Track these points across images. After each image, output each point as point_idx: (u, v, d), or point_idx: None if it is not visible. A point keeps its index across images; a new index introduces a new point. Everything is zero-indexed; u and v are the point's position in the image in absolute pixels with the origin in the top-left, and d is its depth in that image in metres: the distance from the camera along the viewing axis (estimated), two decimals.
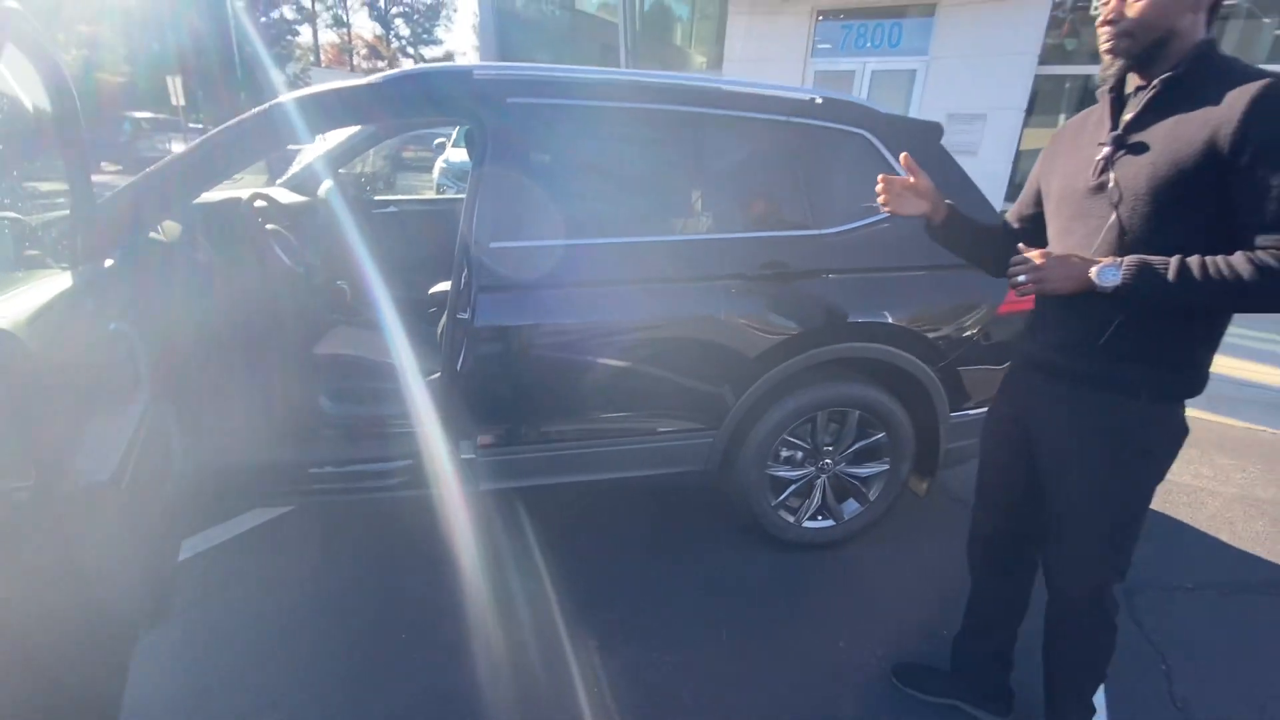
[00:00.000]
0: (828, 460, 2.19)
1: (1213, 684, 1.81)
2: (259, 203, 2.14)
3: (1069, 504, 1.29)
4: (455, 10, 46.07)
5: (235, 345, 1.82)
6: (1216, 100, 1.02)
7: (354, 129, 2.66)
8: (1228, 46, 7.43)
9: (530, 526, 2.30)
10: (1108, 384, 1.18)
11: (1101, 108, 1.21)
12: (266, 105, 1.73)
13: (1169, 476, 1.21)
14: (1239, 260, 0.99)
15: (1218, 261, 1.00)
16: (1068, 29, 7.58)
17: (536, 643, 1.82)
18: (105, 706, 1.08)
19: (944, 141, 2.16)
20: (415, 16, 46.21)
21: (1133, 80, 1.15)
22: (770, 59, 8.88)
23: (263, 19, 24.79)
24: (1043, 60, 7.50)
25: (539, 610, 1.94)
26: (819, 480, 2.22)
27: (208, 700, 1.59)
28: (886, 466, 2.22)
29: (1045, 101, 7.94)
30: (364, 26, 46.78)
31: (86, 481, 0.96)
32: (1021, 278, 1.12)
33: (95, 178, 1.36)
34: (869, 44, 8.37)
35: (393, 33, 46.38)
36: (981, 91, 7.63)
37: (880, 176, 1.40)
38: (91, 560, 0.97)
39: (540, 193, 1.79)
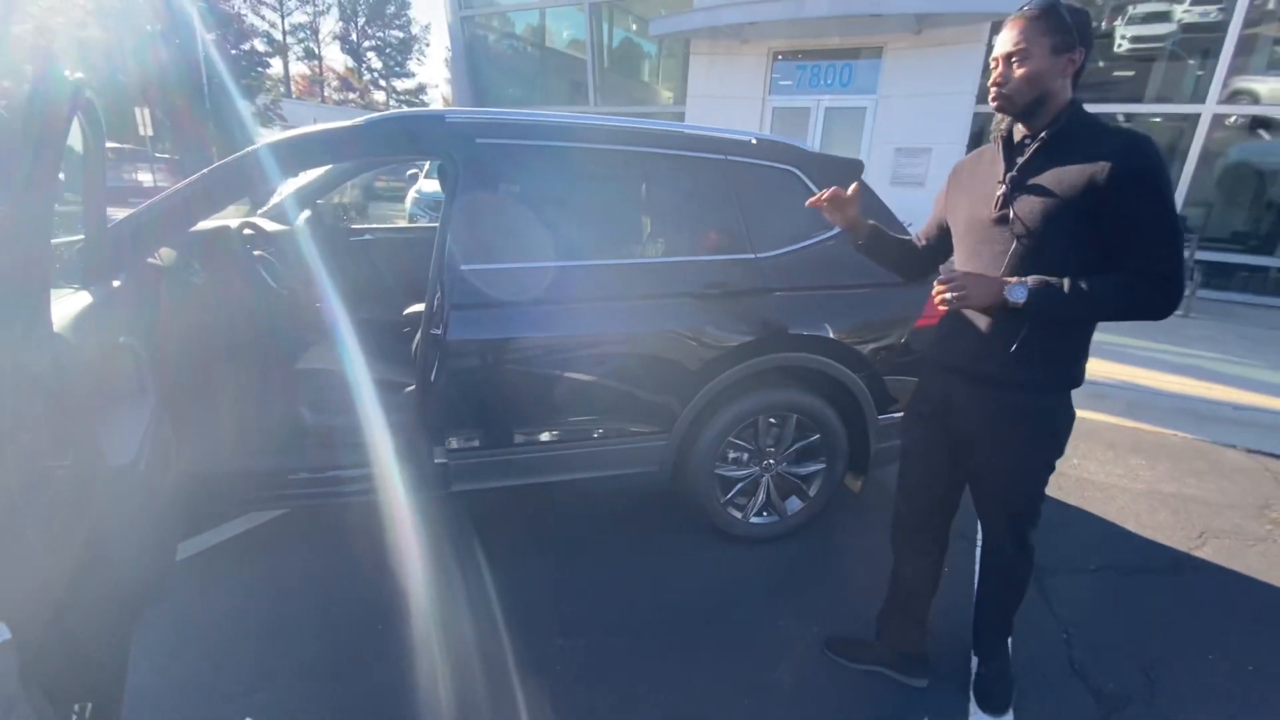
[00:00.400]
0: (770, 460, 2.42)
1: (1107, 650, 2.05)
2: (247, 231, 2.32)
3: (998, 479, 1.55)
4: (428, 45, 46.64)
5: (225, 359, 1.98)
6: (1092, 151, 1.30)
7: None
8: (1153, 86, 8.14)
9: (499, 524, 2.47)
10: (1020, 383, 1.45)
11: (994, 150, 1.49)
12: (257, 145, 1.93)
13: (1087, 475, 1.48)
14: (1115, 279, 1.29)
15: (1100, 280, 1.29)
16: None
17: (501, 631, 1.98)
18: (115, 670, 1.22)
19: (891, 174, 2.46)
20: (388, 50, 46.72)
21: (1019, 130, 1.43)
22: (731, 96, 9.37)
23: (233, 51, 24.87)
24: (980, 99, 8.09)
25: (506, 601, 2.10)
26: (763, 479, 2.44)
27: (198, 682, 1.71)
28: (824, 465, 2.46)
29: (983, 137, 8.53)
30: (336, 59, 47.09)
31: (112, 463, 1.13)
32: (949, 295, 1.37)
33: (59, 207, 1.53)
34: (823, 83, 8.91)
35: (365, 65, 46.78)
36: (926, 127, 8.17)
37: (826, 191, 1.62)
38: (114, 532, 1.13)
39: (506, 221, 2.01)
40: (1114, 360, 4.94)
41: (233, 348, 2.02)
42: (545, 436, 2.13)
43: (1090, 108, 1.38)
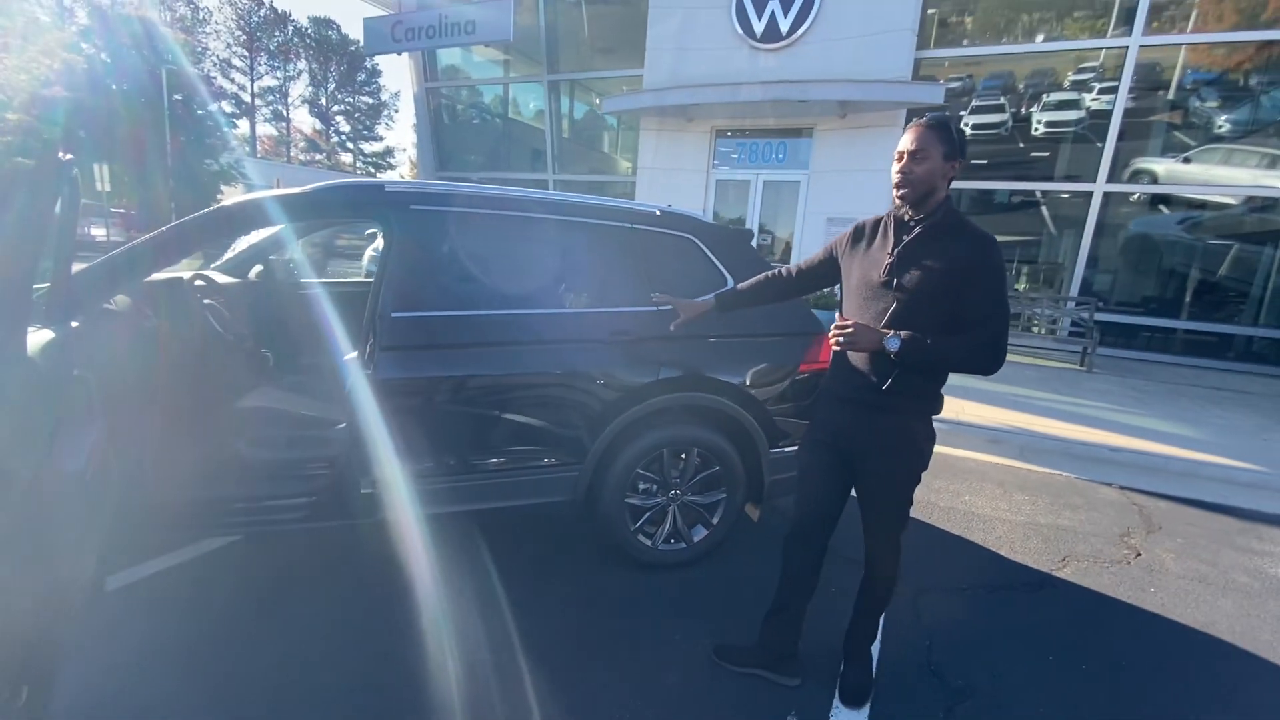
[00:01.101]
0: (676, 491, 2.68)
1: (962, 654, 2.32)
2: (198, 282, 2.55)
3: (882, 491, 1.89)
4: (397, 110, 47.98)
5: (171, 395, 2.17)
6: (959, 241, 1.71)
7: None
8: (1061, 166, 9.13)
9: (427, 552, 2.63)
10: (895, 410, 1.80)
11: (887, 226, 1.86)
12: (214, 207, 2.20)
13: (974, 510, 1.81)
14: (962, 340, 1.69)
15: (951, 339, 1.69)
16: None
17: (424, 646, 2.14)
18: (50, 660, 1.38)
19: (824, 241, 2.87)
20: (356, 114, 47.89)
21: (906, 214, 1.81)
22: (678, 169, 10.08)
23: (199, 112, 25.23)
24: None
25: (431, 619, 2.26)
26: (670, 508, 2.70)
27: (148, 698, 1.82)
28: (724, 495, 2.73)
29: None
30: (304, 121, 47.94)
31: (64, 469, 1.32)
32: (841, 339, 1.74)
33: None
34: (761, 159, 9.70)
35: (333, 128, 47.71)
36: (854, 199, 8.94)
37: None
38: (58, 530, 1.31)
39: (434, 275, 2.31)
40: (1015, 409, 5.43)
41: (179, 386, 2.21)
42: (467, 467, 2.36)
43: (1011, 185, 1.80)
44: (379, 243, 10.51)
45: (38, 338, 1.43)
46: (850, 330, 1.73)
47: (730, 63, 9.29)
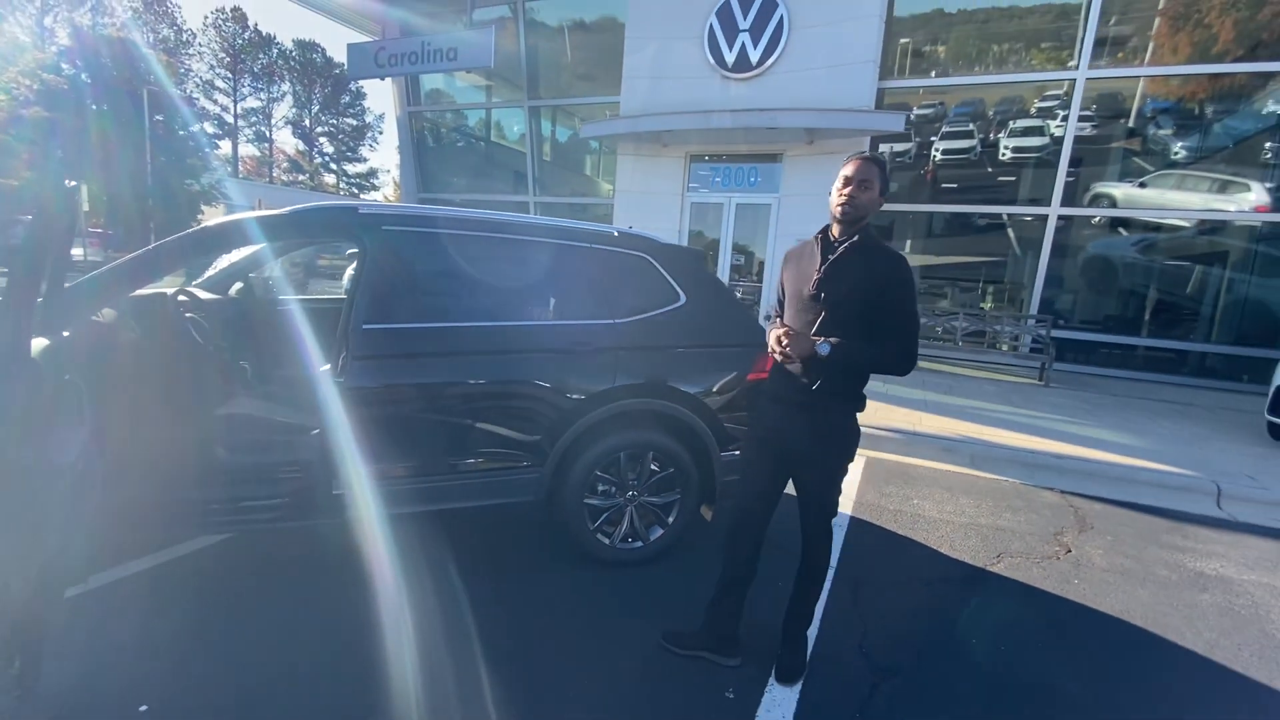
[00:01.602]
0: (633, 492, 2.86)
1: (892, 638, 2.50)
2: (181, 298, 2.71)
3: (814, 481, 2.11)
4: (381, 132, 48.26)
5: (154, 401, 2.32)
6: (875, 259, 1.97)
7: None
8: (1025, 189, 9.56)
9: (397, 550, 2.77)
10: (823, 409, 2.04)
11: (814, 246, 2.09)
12: (198, 227, 2.37)
13: (921, 513, 2.07)
14: (879, 346, 1.95)
15: (871, 345, 1.95)
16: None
17: (401, 640, 2.28)
18: (39, 636, 1.51)
19: None
20: (340, 136, 48.11)
21: (833, 236, 2.04)
22: (653, 192, 10.39)
23: (181, 132, 25.29)
24: None
25: (399, 614, 2.40)
26: (628, 508, 2.87)
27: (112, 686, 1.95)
28: (679, 496, 2.91)
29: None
30: (288, 142, 48.03)
31: (57, 461, 1.47)
32: (779, 353, 1.98)
33: None
34: (733, 183, 10.05)
35: (316, 149, 47.85)
36: (822, 221, 9.14)
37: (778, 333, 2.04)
38: (50, 516, 1.46)
39: (402, 290, 2.49)
40: (971, 421, 5.69)
41: (161, 393, 2.36)
42: (433, 469, 2.52)
43: (972, 209, 2.05)
44: None
45: (36, 344, 1.59)
46: (787, 345, 1.96)
47: (703, 91, 9.66)
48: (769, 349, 2.03)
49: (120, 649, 2.13)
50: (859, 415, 2.13)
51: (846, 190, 1.98)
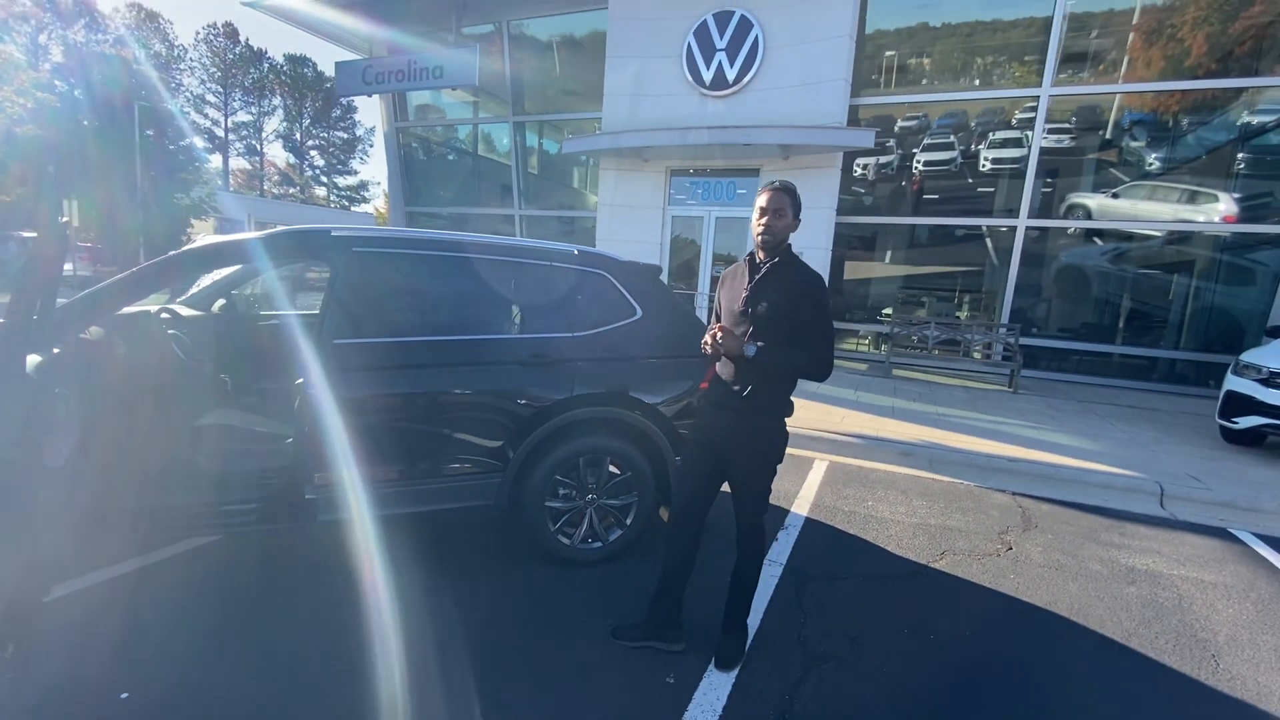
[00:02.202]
0: (592, 495, 3.04)
1: (830, 628, 2.68)
2: (164, 315, 2.89)
3: (746, 479, 2.30)
4: (372, 145, 48.48)
5: (139, 412, 2.49)
6: (796, 278, 2.19)
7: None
8: (1000, 200, 9.84)
9: (367, 551, 2.94)
10: (753, 413, 2.24)
11: (744, 268, 2.32)
12: (180, 250, 2.55)
13: (874, 514, 2.34)
14: (802, 353, 2.15)
15: (795, 352, 2.15)
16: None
17: (370, 637, 2.45)
18: (31, 624, 1.68)
19: None
20: (331, 149, 48.35)
21: (759, 258, 2.27)
22: (635, 205, 10.63)
23: (171, 146, 25.46)
24: (840, 212, 9.61)
25: (364, 610, 2.57)
26: (588, 511, 3.05)
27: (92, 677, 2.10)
28: (636, 498, 3.10)
29: (842, 243, 10.07)
30: (278, 155, 48.22)
31: (49, 465, 1.64)
32: (710, 346, 2.17)
33: None
34: (712, 196, 10.30)
35: (307, 162, 48.04)
36: (800, 235, 9.42)
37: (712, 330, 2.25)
38: (45, 515, 1.63)
39: (371, 307, 2.68)
40: (934, 427, 5.90)
41: (146, 405, 2.53)
42: (398, 474, 2.70)
43: (949, 220, 2.26)
44: None
45: (30, 359, 1.77)
46: (720, 338, 2.16)
47: (681, 108, 9.94)
48: (702, 344, 2.22)
49: (106, 642, 2.29)
50: (789, 420, 2.34)
51: (763, 220, 2.21)
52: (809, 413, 6.20)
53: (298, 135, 46.66)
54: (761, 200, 2.23)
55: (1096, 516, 4.25)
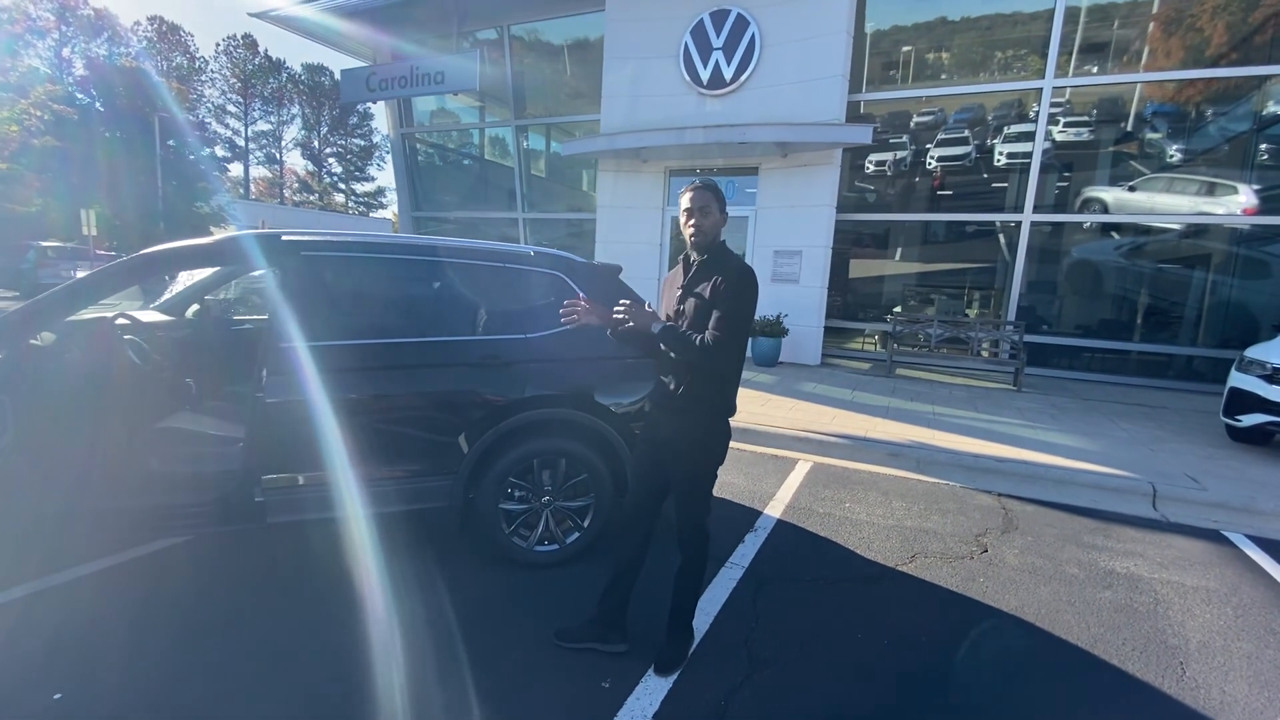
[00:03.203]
0: (548, 497, 3.03)
1: (779, 632, 2.62)
2: (120, 320, 2.93)
3: (685, 479, 2.27)
4: (388, 151, 49.05)
5: (88, 416, 2.53)
6: (722, 270, 2.16)
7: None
8: (1010, 196, 9.64)
9: (318, 554, 2.95)
10: (688, 412, 2.22)
11: (680, 269, 2.32)
12: (135, 255, 2.59)
13: (849, 515, 2.43)
14: (695, 334, 2.11)
15: (691, 333, 2.12)
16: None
17: (290, 635, 2.45)
18: None
19: (771, 272, 3.28)
20: (349, 156, 49.09)
21: (693, 256, 2.26)
22: (634, 206, 10.61)
23: (191, 156, 26.05)
24: (839, 210, 9.48)
25: (305, 612, 2.58)
26: (544, 513, 3.03)
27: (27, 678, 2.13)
28: (593, 500, 3.07)
29: (843, 240, 9.94)
30: (298, 163, 49.05)
31: None
32: (620, 315, 2.14)
33: None
34: None
35: (325, 170, 48.83)
36: (797, 233, 9.44)
37: (565, 304, 2.27)
38: None
39: (317, 311, 2.69)
40: (928, 427, 5.79)
41: (94, 408, 2.57)
42: (344, 477, 2.70)
43: (954, 216, 2.26)
44: None
45: None
46: (630, 309, 2.13)
47: (679, 108, 9.89)
48: (615, 313, 2.16)
49: (44, 647, 2.32)
50: (731, 419, 2.30)
51: (691, 221, 2.20)
52: (797, 413, 6.12)
53: (315, 143, 47.46)
54: (685, 201, 2.22)
55: (1083, 518, 4.13)
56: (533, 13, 12.29)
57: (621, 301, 2.18)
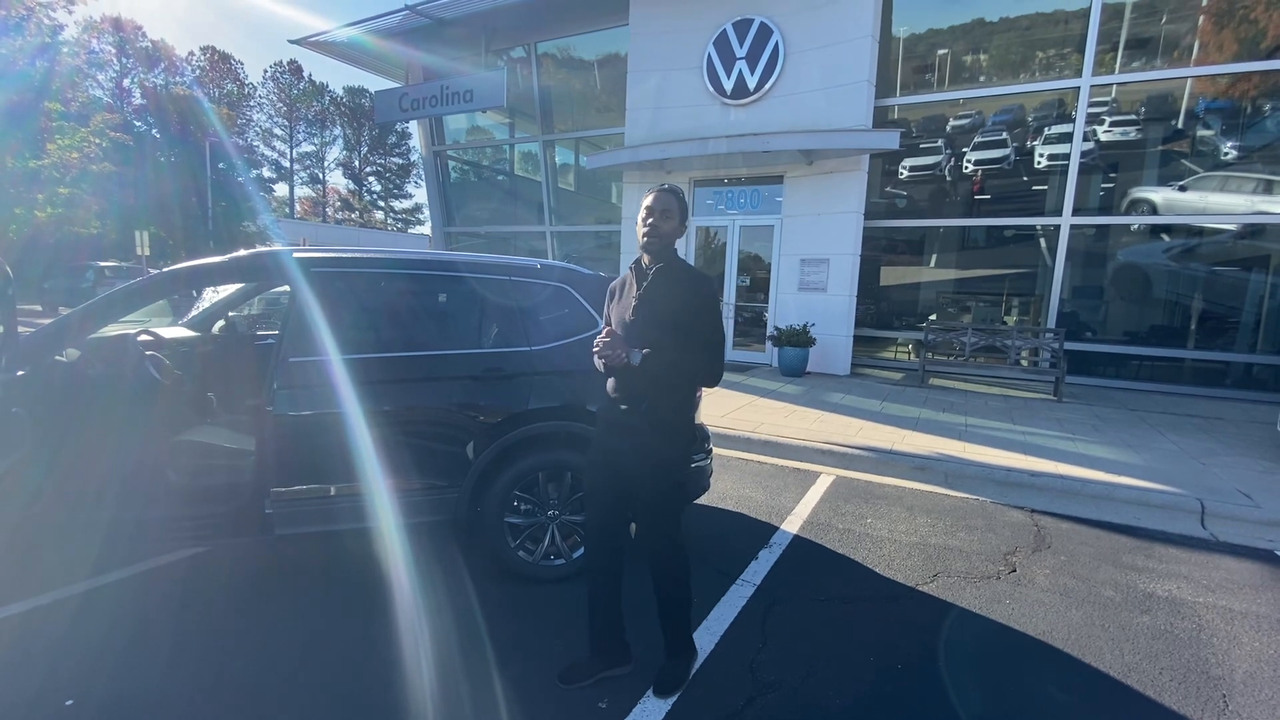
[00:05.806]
0: (554, 510, 3.00)
1: (789, 655, 2.52)
2: (143, 337, 3.05)
3: (649, 496, 2.18)
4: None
5: (108, 429, 2.62)
6: (683, 283, 2.11)
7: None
8: (1052, 199, 9.33)
9: (326, 567, 3.00)
10: (645, 431, 2.14)
11: (631, 277, 2.25)
12: (155, 273, 2.69)
13: (871, 532, 2.32)
14: (689, 357, 2.08)
15: (682, 356, 2.07)
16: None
17: (324, 643, 2.48)
18: None
19: (798, 281, 3.29)
20: (388, 174, 50.62)
21: (646, 263, 2.20)
22: None
23: (239, 179, 27.24)
24: (868, 216, 9.30)
25: (324, 621, 2.60)
26: (550, 526, 3.01)
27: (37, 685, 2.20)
28: None
29: (871, 246, 9.73)
30: (339, 182, 50.82)
31: None
32: (598, 353, 2.09)
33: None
34: (736, 205, 10.18)
35: (365, 188, 50.44)
36: (824, 241, 9.30)
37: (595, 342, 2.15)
38: None
39: (327, 326, 2.74)
40: (958, 439, 5.59)
41: (113, 422, 2.66)
42: (354, 489, 2.73)
43: (989, 221, 2.24)
44: None
45: None
46: (607, 343, 2.07)
47: (703, 119, 9.89)
48: (593, 352, 2.11)
49: (57, 656, 2.40)
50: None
51: (649, 221, 2.14)
52: (822, 425, 5.98)
53: (356, 162, 49.08)
54: (648, 200, 2.16)
55: (1123, 537, 3.90)
56: (560, 29, 12.49)
57: (601, 338, 2.09)
